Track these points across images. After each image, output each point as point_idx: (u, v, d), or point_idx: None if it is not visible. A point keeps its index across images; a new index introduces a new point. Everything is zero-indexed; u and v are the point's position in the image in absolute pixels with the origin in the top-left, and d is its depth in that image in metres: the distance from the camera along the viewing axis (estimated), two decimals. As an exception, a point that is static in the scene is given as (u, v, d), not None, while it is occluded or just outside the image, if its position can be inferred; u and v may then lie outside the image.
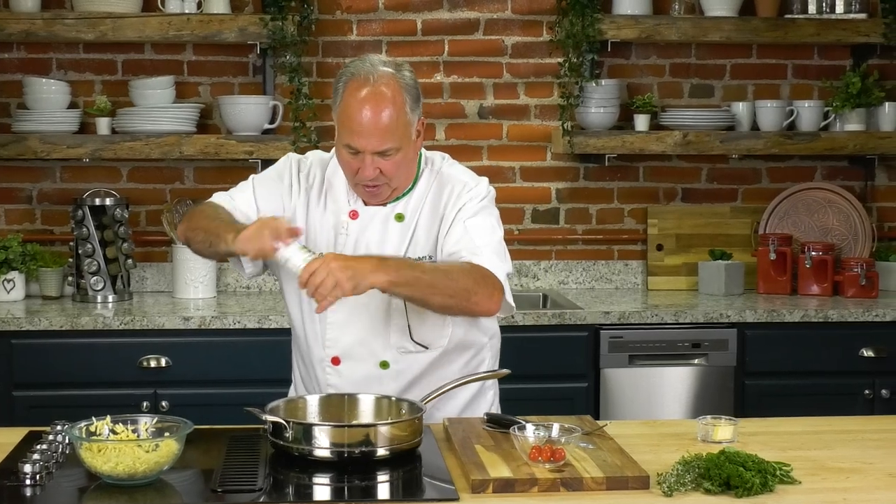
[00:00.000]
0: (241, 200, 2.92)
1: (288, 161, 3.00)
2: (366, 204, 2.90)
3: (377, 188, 2.82)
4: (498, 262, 2.80)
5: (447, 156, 3.01)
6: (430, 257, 2.88)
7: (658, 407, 4.46)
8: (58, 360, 4.25)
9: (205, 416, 2.92)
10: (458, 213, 2.86)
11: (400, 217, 2.90)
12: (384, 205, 2.90)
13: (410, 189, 2.91)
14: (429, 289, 2.67)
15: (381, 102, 2.73)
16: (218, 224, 2.78)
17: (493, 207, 2.94)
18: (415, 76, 2.85)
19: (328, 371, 2.91)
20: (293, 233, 2.62)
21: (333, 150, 2.97)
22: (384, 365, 2.89)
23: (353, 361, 2.89)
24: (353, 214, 2.90)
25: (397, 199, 2.90)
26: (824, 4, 4.96)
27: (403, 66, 2.83)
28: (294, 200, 2.93)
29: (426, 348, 2.90)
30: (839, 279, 4.87)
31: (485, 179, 2.96)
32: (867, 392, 4.52)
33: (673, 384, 4.49)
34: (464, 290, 2.70)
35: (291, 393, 3.10)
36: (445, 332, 2.91)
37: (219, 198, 2.95)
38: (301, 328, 2.97)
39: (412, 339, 2.88)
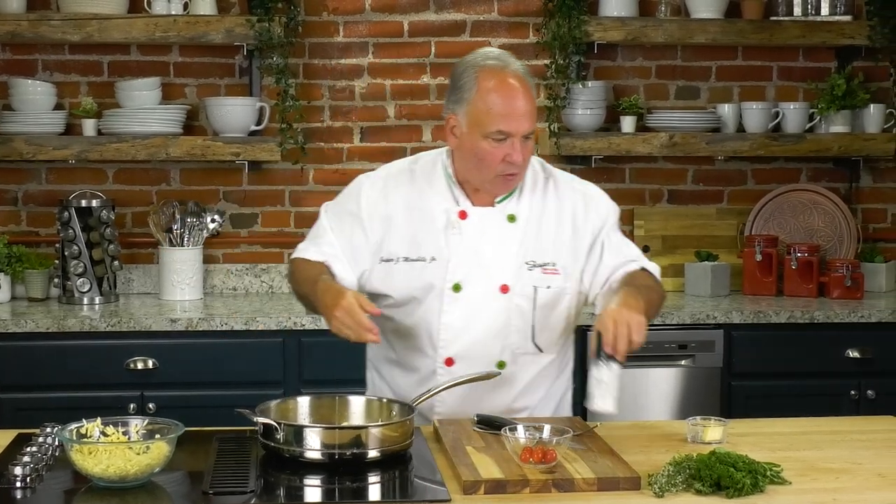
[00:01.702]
0: (325, 244, 2.92)
1: (358, 185, 2.97)
2: (474, 204, 2.89)
3: (514, 177, 2.83)
4: (653, 263, 2.99)
5: (541, 159, 3.04)
6: (554, 264, 2.89)
7: (645, 408, 4.46)
8: (44, 363, 4.23)
9: (192, 417, 2.90)
10: (601, 233, 2.94)
11: (512, 218, 2.90)
12: (492, 205, 2.90)
13: (514, 189, 2.91)
14: (656, 310, 2.87)
15: (525, 86, 2.79)
16: (304, 291, 2.85)
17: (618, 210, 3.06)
18: None
19: (440, 373, 2.89)
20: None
21: (417, 156, 3.01)
22: (500, 365, 2.89)
23: (468, 362, 2.88)
24: (462, 214, 2.89)
25: (503, 198, 2.91)
26: (809, 7, 4.98)
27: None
28: (377, 222, 2.90)
29: (542, 351, 2.92)
30: (825, 280, 4.89)
31: (593, 186, 3.05)
32: (853, 393, 4.53)
33: (659, 385, 4.50)
34: (662, 298, 2.95)
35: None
36: (563, 337, 2.96)
37: (307, 252, 2.92)
38: (406, 332, 2.93)
39: (533, 341, 2.90)
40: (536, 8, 5.01)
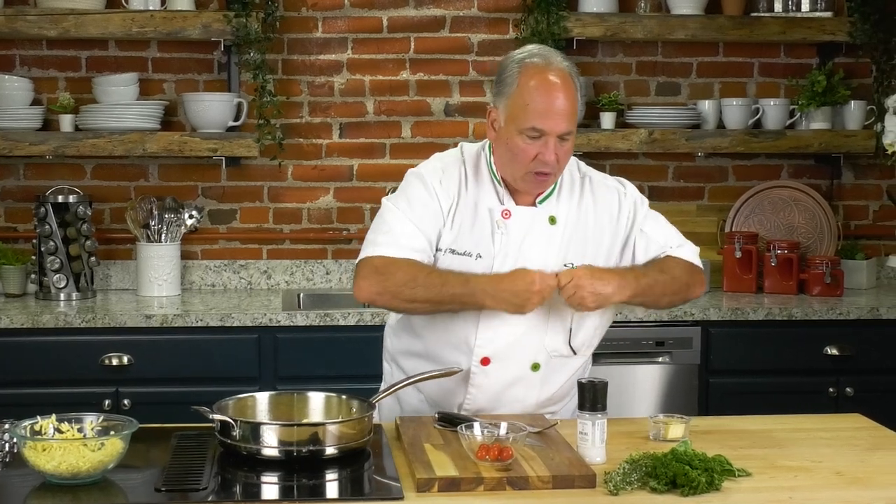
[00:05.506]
0: (408, 237, 2.84)
1: (419, 177, 2.92)
2: (517, 203, 2.88)
3: (548, 176, 2.81)
4: (689, 247, 3.00)
5: (577, 159, 3.03)
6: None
7: (622, 405, 4.42)
8: (19, 359, 4.21)
9: (166, 414, 2.91)
10: (633, 229, 2.95)
11: (553, 220, 2.89)
12: (534, 205, 2.89)
13: (554, 190, 2.91)
14: (660, 292, 2.89)
15: (567, 85, 2.77)
16: (450, 293, 2.77)
17: (646, 200, 3.03)
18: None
19: (474, 371, 2.87)
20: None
21: (461, 147, 2.98)
22: (535, 367, 2.88)
23: (503, 362, 2.87)
24: (506, 213, 2.88)
25: (544, 199, 2.90)
26: (790, 3, 4.96)
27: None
28: (444, 206, 2.89)
29: (575, 354, 2.91)
30: (804, 277, 4.87)
31: (624, 181, 3.04)
32: (831, 390, 4.52)
33: (637, 382, 4.49)
34: (685, 285, 2.93)
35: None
36: (596, 341, 2.96)
37: (392, 251, 2.82)
38: (442, 326, 2.90)
39: (570, 343, 2.89)
40: (516, 4, 4.99)
